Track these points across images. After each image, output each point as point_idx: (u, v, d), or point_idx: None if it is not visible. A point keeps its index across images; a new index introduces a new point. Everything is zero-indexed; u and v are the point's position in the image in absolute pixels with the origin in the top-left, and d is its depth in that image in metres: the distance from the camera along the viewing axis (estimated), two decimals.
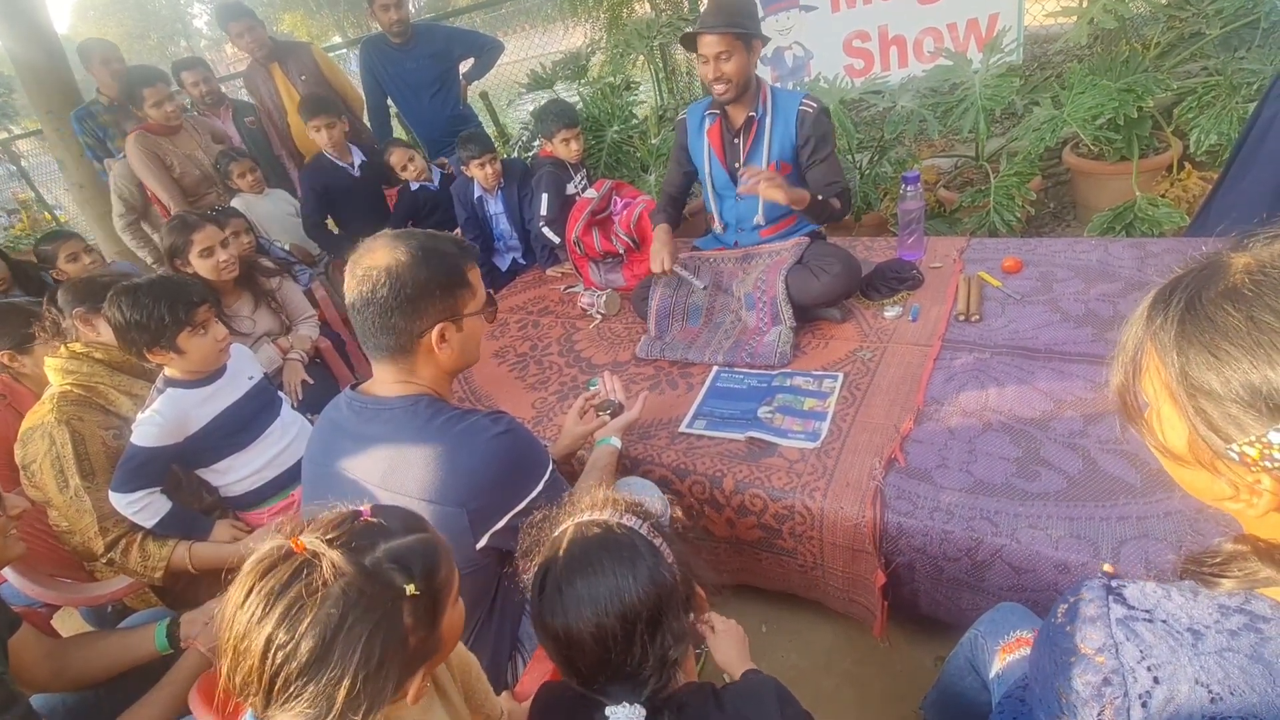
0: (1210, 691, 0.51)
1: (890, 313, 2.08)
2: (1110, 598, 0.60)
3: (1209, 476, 0.54)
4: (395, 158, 3.12)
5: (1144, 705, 0.54)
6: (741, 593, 1.79)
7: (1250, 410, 0.48)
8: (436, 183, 3.18)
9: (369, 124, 3.79)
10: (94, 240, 4.36)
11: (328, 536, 0.71)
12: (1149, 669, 0.54)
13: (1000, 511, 1.36)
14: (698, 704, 0.75)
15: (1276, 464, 0.47)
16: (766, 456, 1.65)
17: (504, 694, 1.10)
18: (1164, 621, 0.55)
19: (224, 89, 3.70)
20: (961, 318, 1.98)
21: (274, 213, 3.11)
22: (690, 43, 2.03)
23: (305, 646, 0.65)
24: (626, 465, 1.76)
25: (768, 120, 2.10)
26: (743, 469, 1.62)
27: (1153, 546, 1.22)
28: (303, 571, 0.68)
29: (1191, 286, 0.53)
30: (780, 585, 1.70)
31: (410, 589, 0.70)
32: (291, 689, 0.65)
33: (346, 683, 0.65)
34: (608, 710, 0.71)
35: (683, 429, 1.81)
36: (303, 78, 3.50)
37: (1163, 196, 2.72)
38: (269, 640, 0.65)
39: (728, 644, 1.08)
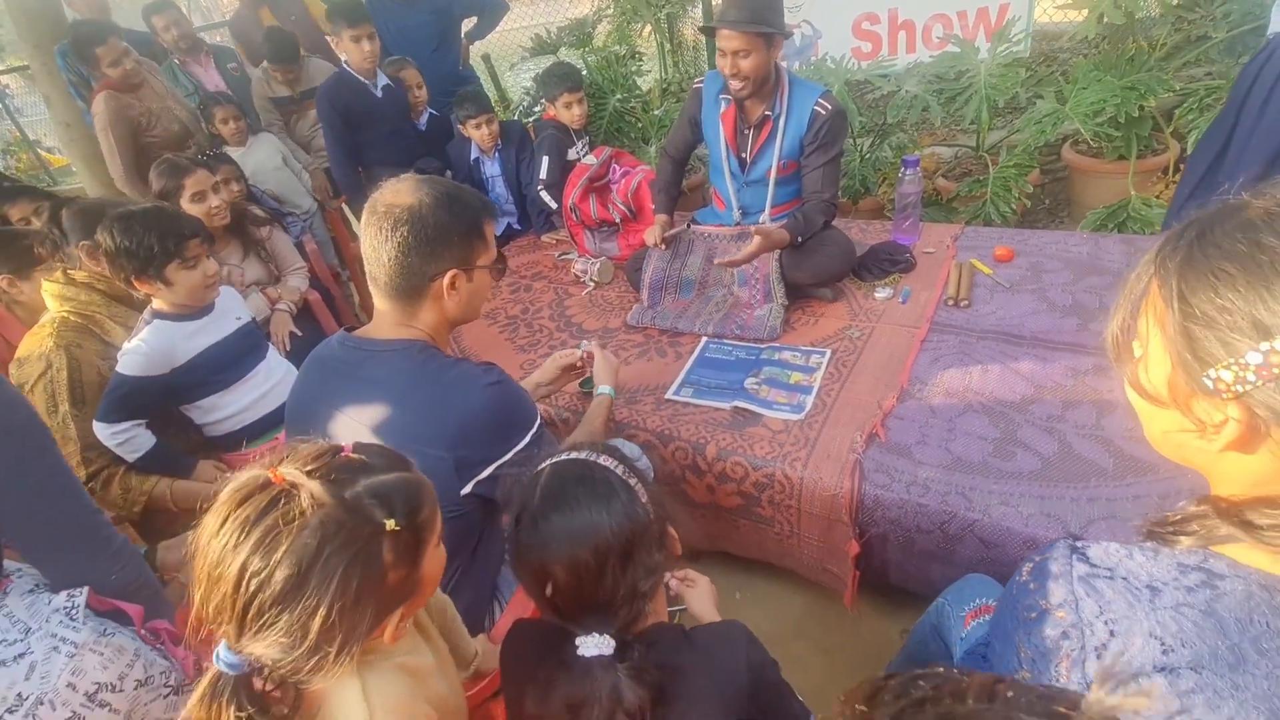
0: (1163, 644, 0.52)
1: (881, 294, 2.09)
2: (1074, 556, 0.62)
3: (1179, 416, 0.55)
4: (408, 75, 3.02)
5: (1098, 657, 0.56)
6: (718, 560, 1.82)
7: (1235, 331, 0.49)
8: (424, 123, 3.11)
9: None
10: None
11: (307, 468, 0.70)
12: (1106, 623, 0.56)
13: (975, 488, 1.39)
14: (668, 640, 0.77)
15: (1247, 386, 0.49)
16: (750, 426, 1.67)
17: (480, 636, 1.12)
18: (1124, 579, 0.57)
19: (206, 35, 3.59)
20: (950, 302, 2.00)
21: (259, 167, 3.01)
22: (710, 30, 1.94)
23: (280, 575, 0.64)
24: (611, 429, 1.77)
25: (782, 120, 2.03)
26: (726, 437, 1.64)
27: (1120, 527, 1.25)
28: (279, 500, 0.67)
29: (1206, 221, 0.54)
30: (756, 553, 1.74)
31: (390, 524, 0.70)
32: (265, 618, 0.65)
33: (321, 613, 0.65)
34: (578, 640, 0.72)
35: (669, 396, 1.82)
36: (292, 18, 3.43)
37: (1157, 198, 2.74)
38: (243, 567, 0.65)
39: (702, 596, 1.12)
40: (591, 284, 2.52)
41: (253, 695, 0.67)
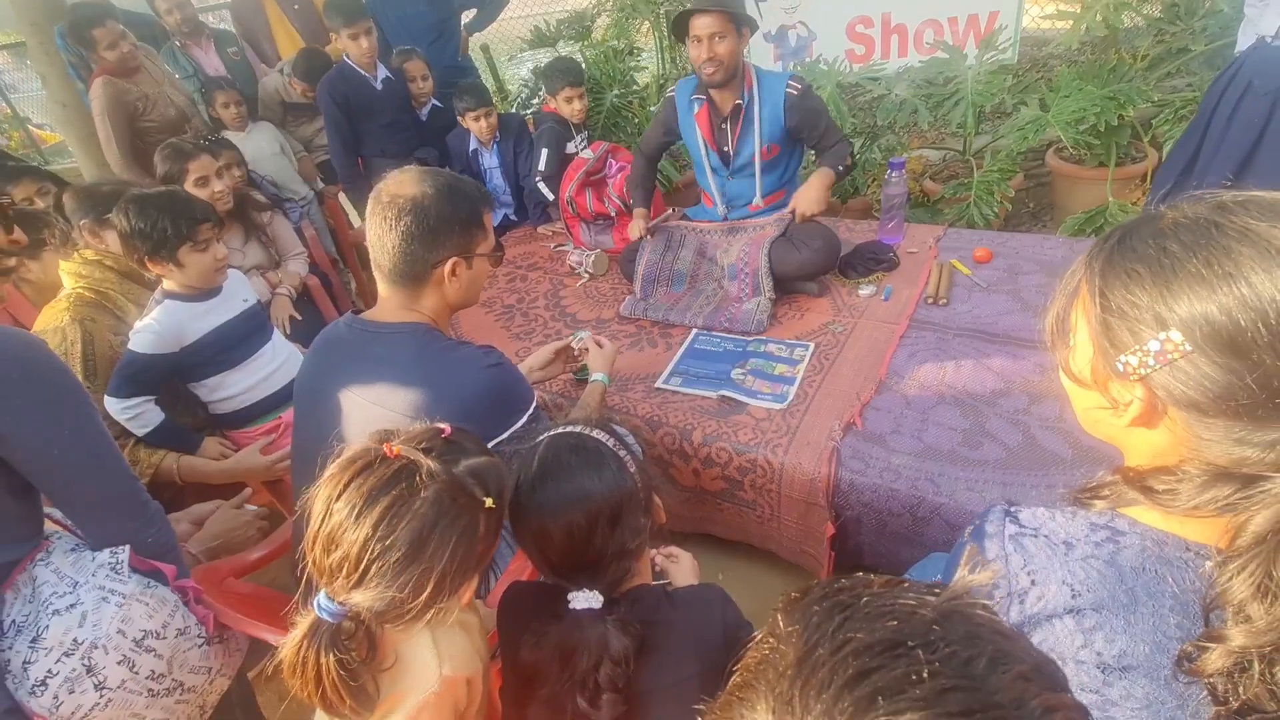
0: (1072, 590, 0.61)
1: (864, 291, 2.18)
2: (1007, 519, 0.71)
3: (1098, 396, 0.64)
4: (413, 67, 3.06)
5: (1020, 601, 0.65)
6: (702, 541, 1.90)
7: (1140, 323, 0.58)
8: (425, 115, 3.17)
9: None
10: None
11: (421, 446, 0.78)
12: (1028, 573, 0.65)
13: (943, 474, 1.48)
14: (651, 598, 0.86)
15: (1149, 369, 0.57)
16: (735, 414, 1.75)
17: (477, 601, 1.20)
18: (1045, 536, 0.66)
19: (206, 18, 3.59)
20: (930, 300, 2.09)
21: (258, 153, 3.04)
22: (680, 28, 2.06)
23: (403, 540, 0.73)
24: (604, 414, 1.85)
25: (755, 107, 2.15)
26: (712, 424, 1.73)
27: None
28: (402, 475, 0.76)
29: (1128, 228, 0.63)
30: (738, 535, 1.82)
31: (489, 502, 0.79)
32: (385, 577, 0.74)
33: (435, 577, 0.75)
34: (570, 595, 0.80)
35: (659, 384, 1.90)
36: (296, 7, 3.45)
37: (1134, 204, 2.84)
38: (370, 533, 0.73)
39: (685, 571, 1.20)
40: (586, 275, 2.59)
41: (343, 641, 0.76)
